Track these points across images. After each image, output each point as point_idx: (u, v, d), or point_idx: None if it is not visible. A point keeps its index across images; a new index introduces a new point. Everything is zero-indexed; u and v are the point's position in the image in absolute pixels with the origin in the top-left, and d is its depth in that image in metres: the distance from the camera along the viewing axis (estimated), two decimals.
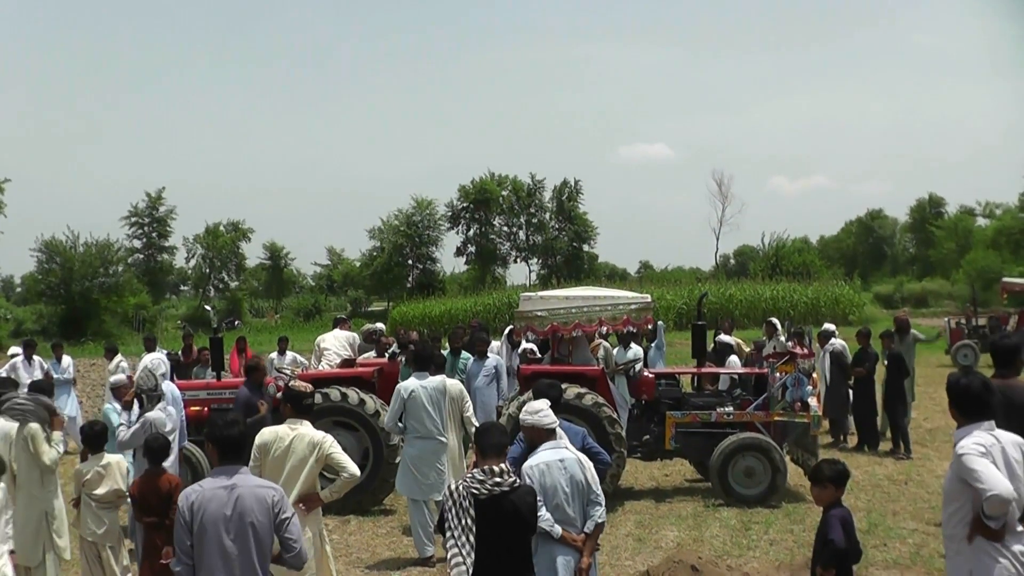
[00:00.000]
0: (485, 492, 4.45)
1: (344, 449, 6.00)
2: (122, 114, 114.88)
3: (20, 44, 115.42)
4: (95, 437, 6.43)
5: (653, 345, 13.73)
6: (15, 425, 6.48)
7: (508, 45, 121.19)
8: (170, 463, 6.75)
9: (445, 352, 10.56)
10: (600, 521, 5.05)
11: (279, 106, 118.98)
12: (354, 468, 5.74)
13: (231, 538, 4.17)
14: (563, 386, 9.04)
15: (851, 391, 12.32)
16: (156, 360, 10.62)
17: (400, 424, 8.07)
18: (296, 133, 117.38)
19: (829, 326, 13.48)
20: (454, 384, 8.33)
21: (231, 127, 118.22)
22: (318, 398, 8.73)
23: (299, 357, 14.51)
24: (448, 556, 4.43)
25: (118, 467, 6.41)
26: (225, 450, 4.39)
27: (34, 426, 6.40)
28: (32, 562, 6.39)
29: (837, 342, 12.86)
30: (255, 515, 4.21)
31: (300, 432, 5.71)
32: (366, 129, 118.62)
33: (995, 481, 4.03)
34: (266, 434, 5.81)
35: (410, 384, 8.07)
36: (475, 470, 4.60)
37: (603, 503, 5.08)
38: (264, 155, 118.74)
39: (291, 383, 6.12)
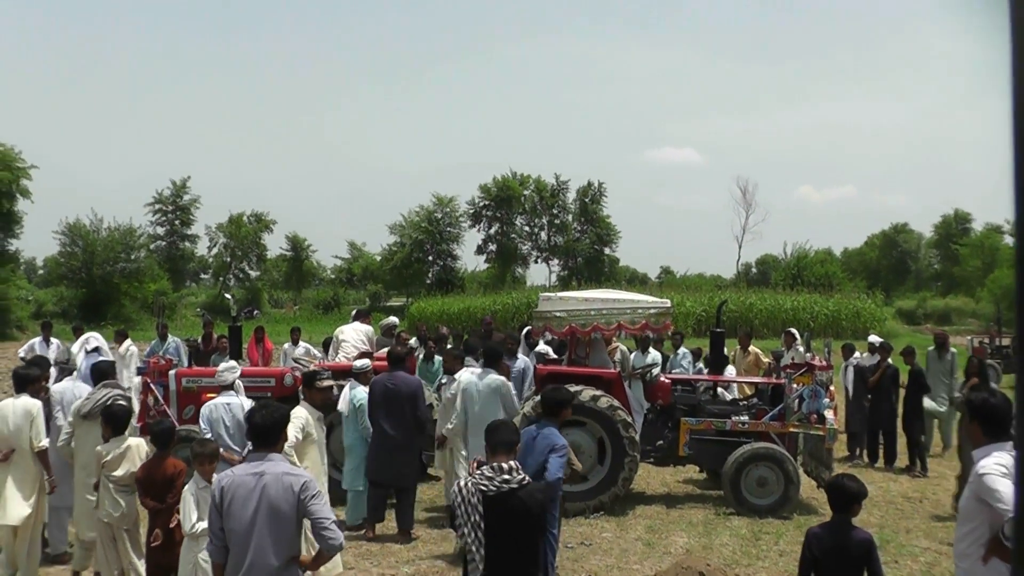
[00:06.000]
0: (493, 489, 4.47)
1: None
2: (152, 103, 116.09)
3: (53, 32, 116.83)
4: (116, 418, 6.47)
5: (680, 352, 13.60)
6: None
7: (537, 43, 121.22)
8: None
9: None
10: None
11: (306, 100, 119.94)
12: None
13: (256, 524, 4.28)
14: (579, 388, 9.07)
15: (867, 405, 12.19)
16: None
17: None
18: (321, 127, 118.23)
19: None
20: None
21: (258, 120, 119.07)
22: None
23: (312, 348, 14.60)
24: (466, 551, 4.50)
25: (138, 450, 6.45)
26: (256, 436, 4.51)
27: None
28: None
29: (860, 355, 12.73)
30: (281, 502, 4.30)
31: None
32: (391, 125, 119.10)
33: None
34: None
35: (464, 378, 8.23)
36: (484, 467, 4.62)
37: None
38: (289, 148, 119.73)
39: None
